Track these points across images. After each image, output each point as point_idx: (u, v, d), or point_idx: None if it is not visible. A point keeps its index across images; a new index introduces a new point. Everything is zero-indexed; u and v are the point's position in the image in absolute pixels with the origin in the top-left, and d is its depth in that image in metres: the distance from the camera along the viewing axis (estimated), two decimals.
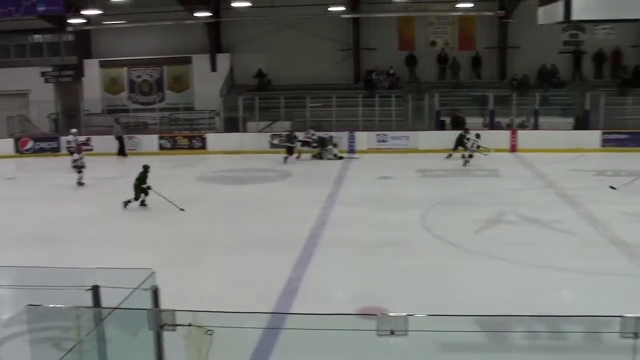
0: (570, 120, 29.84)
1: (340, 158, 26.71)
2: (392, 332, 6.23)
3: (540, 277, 12.76)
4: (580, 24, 30.37)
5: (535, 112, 29.38)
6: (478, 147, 25.46)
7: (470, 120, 29.24)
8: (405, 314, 6.19)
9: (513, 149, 27.81)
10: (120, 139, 29.13)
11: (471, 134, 25.68)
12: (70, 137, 26.29)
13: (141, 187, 18.34)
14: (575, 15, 10.47)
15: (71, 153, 23.76)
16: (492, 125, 29.18)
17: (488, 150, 25.61)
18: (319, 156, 26.96)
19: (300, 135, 27.35)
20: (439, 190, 20.70)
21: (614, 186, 20.04)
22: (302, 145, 27.10)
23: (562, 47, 32.73)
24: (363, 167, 25.07)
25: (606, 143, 28.03)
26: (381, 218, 17.09)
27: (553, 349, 9.13)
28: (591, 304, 10.84)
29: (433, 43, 33.26)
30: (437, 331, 6.80)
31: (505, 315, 7.68)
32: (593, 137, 28.11)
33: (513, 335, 8.35)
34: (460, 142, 26.13)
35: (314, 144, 27.11)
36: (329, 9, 30.57)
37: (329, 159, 26.59)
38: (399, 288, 11.99)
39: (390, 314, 6.33)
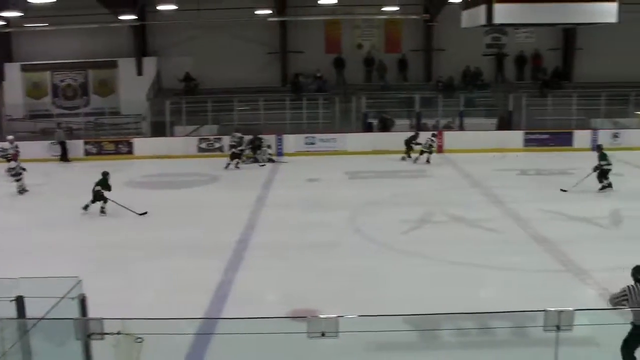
0: (494, 121, 30.58)
1: (272, 161, 26.63)
2: (322, 334, 6.28)
3: (468, 275, 13.04)
4: (502, 28, 31.18)
5: (461, 113, 30.00)
6: (430, 146, 26.08)
7: (397, 122, 29.68)
8: (335, 315, 6.24)
9: (439, 149, 28.26)
10: (62, 144, 28.42)
11: (421, 137, 26.44)
12: (7, 144, 25.35)
13: (101, 193, 18.01)
14: (497, 19, 10.72)
15: (8, 160, 23.01)
16: (419, 127, 29.61)
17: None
18: (253, 159, 26.70)
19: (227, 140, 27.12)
20: (367, 191, 20.90)
21: (564, 189, 20.50)
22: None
23: (485, 50, 33.57)
24: (291, 169, 25.11)
25: (528, 143, 28.80)
26: (310, 220, 17.16)
27: (481, 345, 9.35)
28: (516, 299, 11.12)
29: (360, 46, 33.58)
30: (368, 331, 6.89)
31: (435, 313, 7.83)
32: (516, 137, 28.83)
33: (443, 332, 8.51)
34: (408, 145, 26.71)
35: (240, 147, 26.74)
36: (256, 12, 30.53)
37: (263, 160, 26.38)
38: (329, 290, 12.06)
39: (321, 316, 6.39)
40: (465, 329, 8.64)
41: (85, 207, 18.18)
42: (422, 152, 26.15)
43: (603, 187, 20.38)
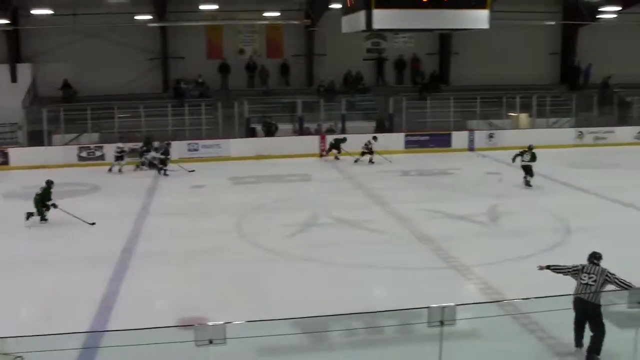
0: (374, 124, 31.14)
1: (154, 166, 26.09)
2: (210, 342, 6.25)
3: (355, 276, 13.26)
4: (382, 33, 31.85)
5: (342, 117, 30.42)
6: (371, 148, 26.71)
7: (280, 127, 29.79)
8: (223, 322, 6.21)
9: (322, 153, 28.55)
10: None
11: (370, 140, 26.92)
12: None
13: (44, 203, 17.36)
14: (376, 25, 10.90)
15: None
16: (302, 131, 29.84)
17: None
18: (144, 165, 26.11)
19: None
20: (252, 196, 20.86)
21: (529, 182, 21.54)
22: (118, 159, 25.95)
23: (366, 55, 34.24)
24: (175, 176, 24.70)
25: (409, 145, 29.54)
26: (196, 227, 16.98)
27: (370, 344, 9.53)
28: (403, 297, 11.36)
29: (242, 51, 33.51)
30: (257, 337, 6.89)
31: (323, 315, 7.92)
32: (397, 139, 29.48)
33: (332, 334, 8.61)
34: (336, 147, 27.67)
35: (127, 154, 26.07)
36: (135, 17, 29.93)
37: (154, 165, 25.81)
38: (217, 296, 11.99)
39: (208, 323, 6.34)
40: (353, 329, 8.77)
41: (28, 216, 17.45)
42: (363, 154, 26.78)
43: (527, 183, 21.67)
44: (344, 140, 27.96)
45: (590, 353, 9.09)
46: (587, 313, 9.17)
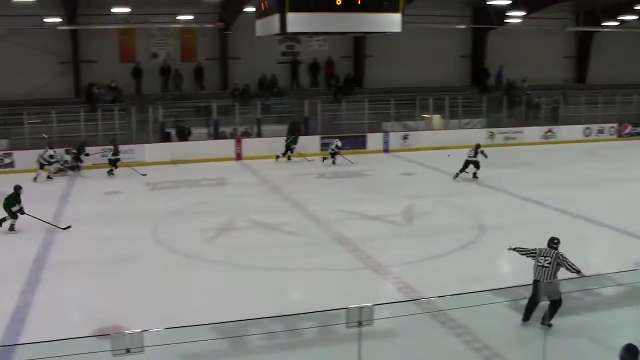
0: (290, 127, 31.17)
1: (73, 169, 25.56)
2: (127, 351, 6.14)
3: (273, 279, 13.27)
4: (296, 36, 31.94)
5: (258, 121, 30.35)
6: (337, 146, 27.22)
7: (195, 131, 29.50)
8: (140, 330, 6.12)
9: (239, 157, 28.45)
10: None
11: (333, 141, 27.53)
12: None
13: (11, 209, 16.78)
14: (290, 28, 10.93)
15: None
16: (217, 135, 29.64)
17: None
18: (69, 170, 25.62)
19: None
20: (168, 202, 20.57)
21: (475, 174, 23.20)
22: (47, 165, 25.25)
23: (280, 58, 34.22)
24: (88, 183, 24.15)
25: (325, 147, 29.65)
26: (111, 234, 16.61)
27: (290, 346, 9.55)
28: (322, 299, 11.42)
29: (155, 55, 32.99)
30: (176, 343, 6.82)
31: (242, 319, 7.90)
32: (313, 142, 29.60)
33: (251, 337, 8.60)
34: (289, 148, 27.94)
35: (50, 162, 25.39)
36: (45, 20, 29.12)
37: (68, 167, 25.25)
38: (135, 304, 11.80)
39: (125, 332, 6.24)
40: (272, 332, 8.78)
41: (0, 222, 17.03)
42: (332, 154, 27.20)
43: (475, 175, 23.40)
44: (295, 140, 28.26)
45: (544, 319, 9.89)
46: (545, 291, 10.01)
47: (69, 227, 17.20)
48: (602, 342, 9.87)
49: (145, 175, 24.79)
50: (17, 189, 17.18)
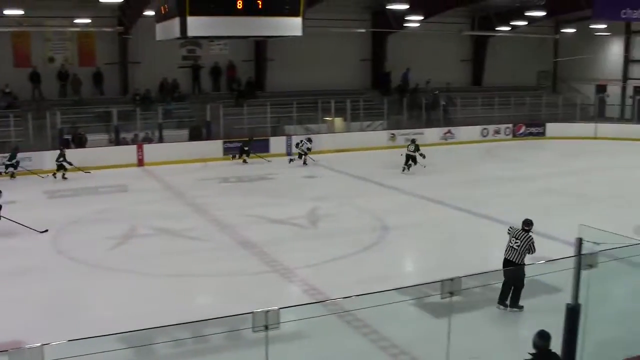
0: (191, 132, 30.87)
1: None
2: None
3: (179, 285, 13.12)
4: (197, 40, 31.68)
5: (159, 126, 29.91)
6: (309, 149, 28.02)
7: (95, 137, 28.79)
8: (40, 344, 5.94)
9: (140, 163, 27.95)
10: None
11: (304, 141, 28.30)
12: None
13: None
14: (191, 32, 10.86)
15: None
16: (118, 141, 29.05)
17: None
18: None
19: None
20: (68, 210, 20.00)
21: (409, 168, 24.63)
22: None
23: (181, 62, 33.86)
24: None
25: (228, 151, 29.53)
26: (8, 245, 16.03)
27: (197, 353, 9.47)
28: (229, 304, 11.41)
29: (52, 59, 31.99)
30: (79, 356, 6.64)
31: (149, 328, 7.75)
32: (215, 146, 29.41)
33: (158, 346, 8.47)
34: (242, 151, 28.58)
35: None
36: None
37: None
38: (35, 317, 11.43)
39: (25, 346, 6.04)
40: (180, 340, 8.67)
41: None
42: (300, 155, 27.82)
43: (409, 167, 25.31)
44: (250, 141, 28.83)
45: (513, 301, 11.31)
46: (513, 273, 11.22)
47: (46, 230, 17.03)
48: (505, 335, 10.22)
49: (89, 172, 25.04)
50: None
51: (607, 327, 9.36)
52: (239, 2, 10.96)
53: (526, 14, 33.68)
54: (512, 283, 11.28)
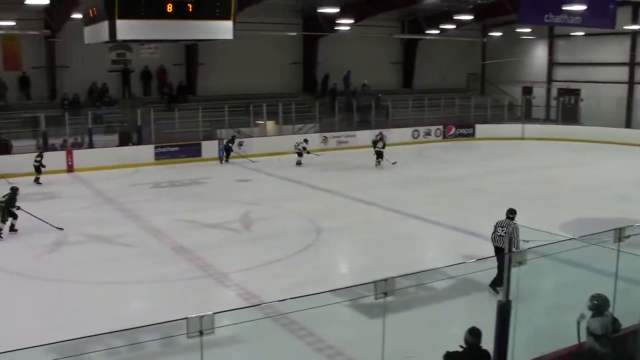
0: (121, 137, 30.43)
1: None
2: None
3: (113, 293, 12.92)
4: (126, 44, 31.22)
5: (89, 131, 29.36)
6: (304, 148, 28.72)
7: (22, 143, 28.05)
8: None
9: (70, 169, 27.39)
10: None
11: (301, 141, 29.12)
12: None
13: (10, 210, 17.12)
14: (120, 36, 10.69)
15: None
16: (46, 147, 28.39)
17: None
18: None
19: None
20: None
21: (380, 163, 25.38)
22: None
23: (111, 66, 33.28)
24: None
25: (159, 156, 29.22)
26: None
27: None
28: (164, 310, 11.28)
29: None
30: None
31: (82, 337, 7.62)
32: (147, 151, 29.06)
33: (91, 355, 8.33)
34: (228, 151, 29.38)
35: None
36: None
37: None
38: None
39: None
40: (114, 348, 8.55)
41: None
42: (299, 154, 28.47)
43: (379, 163, 27.52)
44: (233, 140, 29.76)
45: (493, 283, 11.94)
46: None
47: (62, 229, 17.50)
48: (439, 333, 10.37)
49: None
50: (14, 190, 17.75)
51: (537, 322, 9.61)
52: (169, 6, 10.85)
53: (455, 17, 34.34)
54: (497, 267, 11.83)
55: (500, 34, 41.66)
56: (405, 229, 17.87)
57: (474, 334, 7.17)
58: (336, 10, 28.60)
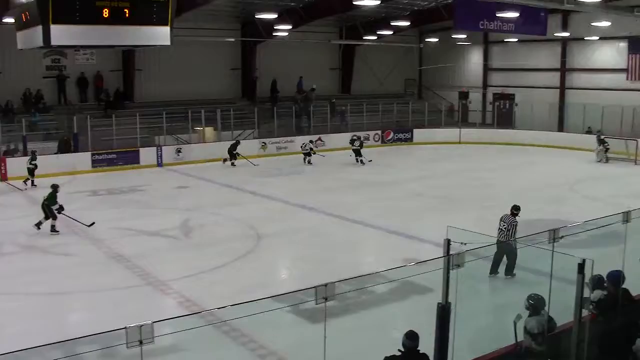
0: (60, 144, 29.85)
1: None
2: None
3: (51, 304, 12.70)
4: (61, 50, 30.66)
5: (24, 138, 28.70)
6: (311, 149, 30.51)
7: None
8: None
9: (4, 177, 26.71)
10: None
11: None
12: None
13: (51, 208, 17.53)
14: (54, 41, 10.49)
15: None
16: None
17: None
18: None
19: None
20: None
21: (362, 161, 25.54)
22: None
23: (46, 72, 32.63)
24: None
25: (96, 164, 28.73)
26: None
27: None
28: (104, 320, 11.11)
29: None
30: None
31: (19, 350, 7.46)
32: (84, 158, 28.54)
33: None
34: (231, 153, 29.90)
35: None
36: None
37: None
38: None
39: None
40: None
41: (38, 225, 17.72)
42: (306, 154, 30.29)
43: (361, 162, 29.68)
44: (238, 144, 30.23)
45: (507, 271, 13.23)
46: (503, 250, 13.11)
47: (93, 223, 17.93)
48: (379, 336, 10.45)
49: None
50: (55, 187, 18.12)
51: (477, 323, 9.79)
52: (105, 11, 10.70)
53: (392, 23, 34.67)
54: (507, 256, 13.19)
55: (437, 39, 42.27)
56: (345, 234, 17.96)
57: (411, 338, 7.26)
58: (274, 16, 28.62)
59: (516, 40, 39.37)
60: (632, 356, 7.82)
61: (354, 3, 23.30)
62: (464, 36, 39.54)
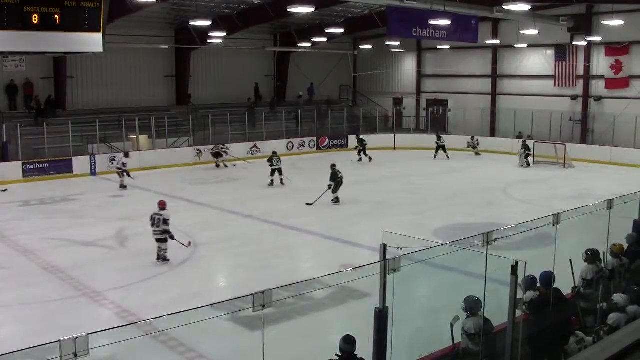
0: None
1: None
2: None
3: None
4: None
5: None
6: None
7: None
8: None
9: None
10: None
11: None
12: None
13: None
14: None
15: None
16: None
17: None
18: None
19: None
20: None
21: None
22: None
23: None
24: None
25: (28, 173, 28.08)
26: None
27: None
28: (36, 333, 10.87)
29: None
30: None
31: None
32: (14, 168, 27.86)
33: None
34: (218, 155, 31.39)
35: None
36: None
37: None
38: None
39: None
40: None
41: None
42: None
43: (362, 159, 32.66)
44: (223, 147, 31.54)
45: None
46: None
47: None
48: (318, 342, 10.50)
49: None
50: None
51: (414, 326, 9.90)
52: (35, 17, 10.54)
53: (326, 30, 34.88)
54: None
55: (371, 46, 42.67)
56: (283, 240, 17.98)
57: (348, 342, 7.31)
58: (208, 23, 28.47)
59: (448, 47, 40.01)
60: (564, 355, 8.03)
61: (288, 10, 23.41)
62: (398, 43, 39.99)
